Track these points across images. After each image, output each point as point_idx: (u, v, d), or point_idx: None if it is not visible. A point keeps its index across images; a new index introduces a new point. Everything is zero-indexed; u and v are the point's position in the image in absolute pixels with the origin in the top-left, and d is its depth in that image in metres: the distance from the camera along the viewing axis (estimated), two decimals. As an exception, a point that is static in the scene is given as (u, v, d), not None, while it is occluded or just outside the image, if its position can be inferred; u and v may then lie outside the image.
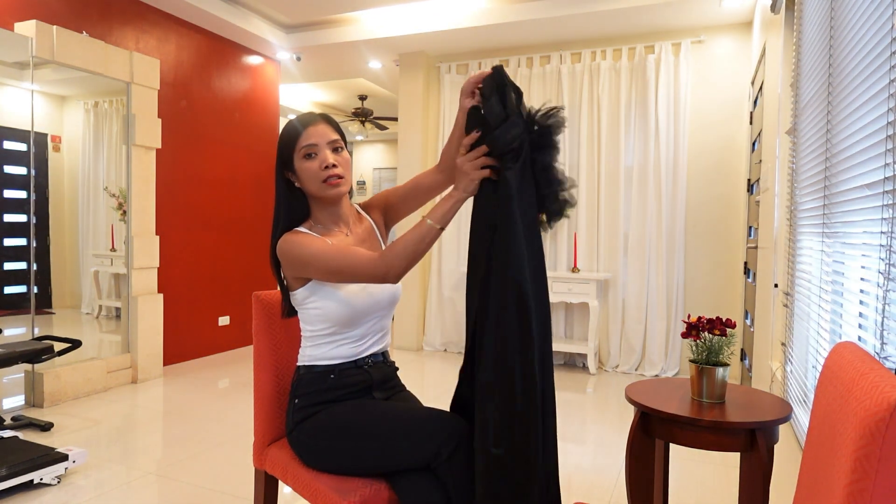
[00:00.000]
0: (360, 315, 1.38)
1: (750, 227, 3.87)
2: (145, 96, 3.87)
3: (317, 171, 1.35)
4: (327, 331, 1.38)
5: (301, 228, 1.40)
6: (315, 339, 1.40)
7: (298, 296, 1.38)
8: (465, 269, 4.71)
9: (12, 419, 2.94)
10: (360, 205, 1.55)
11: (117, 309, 3.95)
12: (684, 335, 1.57)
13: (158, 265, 4.01)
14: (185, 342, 4.42)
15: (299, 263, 1.32)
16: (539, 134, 1.23)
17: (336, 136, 1.38)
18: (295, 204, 1.41)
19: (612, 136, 4.41)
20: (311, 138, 1.35)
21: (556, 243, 4.58)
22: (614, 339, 4.43)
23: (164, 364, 4.18)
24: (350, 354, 1.40)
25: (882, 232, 1.48)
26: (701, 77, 4.27)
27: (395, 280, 1.23)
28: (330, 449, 1.32)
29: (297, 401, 1.40)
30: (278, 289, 1.46)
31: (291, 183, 1.41)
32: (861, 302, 1.76)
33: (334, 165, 1.35)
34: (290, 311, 1.44)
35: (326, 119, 1.40)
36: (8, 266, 3.36)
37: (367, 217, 1.53)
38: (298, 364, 1.44)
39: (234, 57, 4.90)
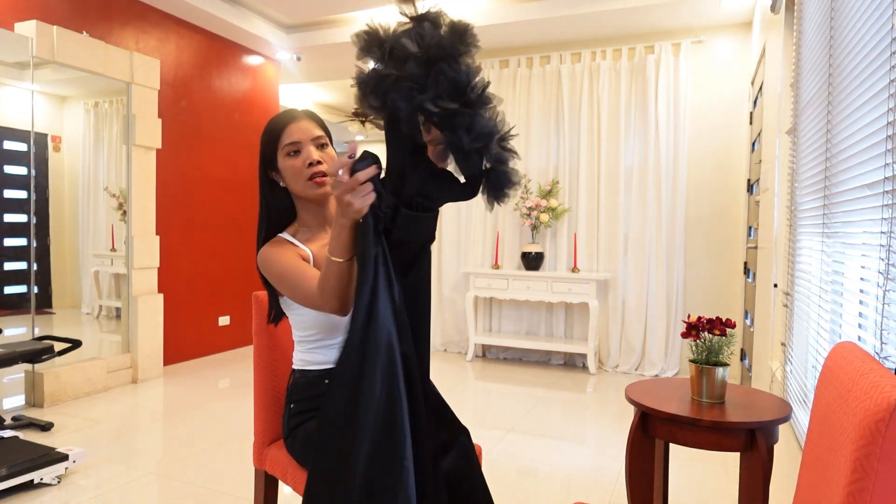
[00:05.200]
0: (342, 322, 1.32)
1: (750, 227, 3.87)
2: (145, 96, 3.87)
3: (301, 169, 1.30)
4: (314, 337, 1.36)
5: (284, 235, 1.36)
6: (305, 344, 1.38)
7: (284, 301, 1.36)
8: (465, 268, 4.73)
9: (12, 419, 2.94)
10: None
11: (117, 309, 3.95)
12: (684, 335, 1.57)
13: (158, 265, 4.02)
14: (185, 342, 4.42)
15: (273, 281, 1.29)
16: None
17: (320, 133, 1.33)
18: (279, 205, 1.37)
19: (612, 136, 4.41)
20: (294, 135, 1.30)
21: (556, 243, 4.58)
22: (614, 339, 4.43)
23: (164, 364, 4.18)
24: None
25: (882, 232, 1.48)
26: (701, 77, 4.27)
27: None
28: None
29: (292, 406, 1.39)
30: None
31: (276, 183, 1.36)
32: (861, 302, 1.76)
33: (319, 162, 1.30)
34: (276, 317, 1.41)
35: (310, 115, 1.35)
36: (8, 266, 3.36)
37: None
38: (293, 367, 1.43)
39: (234, 57, 4.90)
